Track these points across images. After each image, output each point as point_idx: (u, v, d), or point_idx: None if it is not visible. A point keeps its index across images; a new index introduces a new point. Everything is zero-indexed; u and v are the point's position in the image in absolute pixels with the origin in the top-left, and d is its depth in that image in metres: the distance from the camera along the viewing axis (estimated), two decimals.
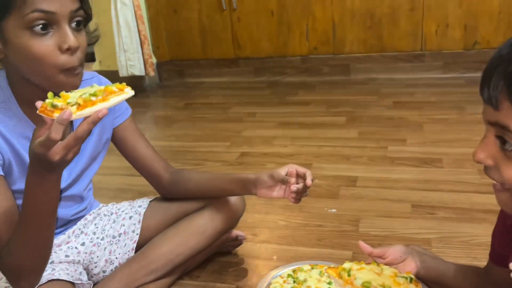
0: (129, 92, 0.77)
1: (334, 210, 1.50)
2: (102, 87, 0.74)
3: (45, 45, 0.79)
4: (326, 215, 1.48)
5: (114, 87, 0.75)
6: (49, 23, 0.79)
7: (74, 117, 0.69)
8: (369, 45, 3.12)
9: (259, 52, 3.31)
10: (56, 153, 0.70)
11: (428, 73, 3.04)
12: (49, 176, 0.75)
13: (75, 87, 0.84)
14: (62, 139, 0.70)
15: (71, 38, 0.80)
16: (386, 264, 0.89)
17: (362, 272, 0.84)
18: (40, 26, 0.78)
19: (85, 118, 0.71)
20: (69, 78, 0.83)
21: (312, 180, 1.02)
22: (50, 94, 0.73)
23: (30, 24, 0.78)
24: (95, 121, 0.70)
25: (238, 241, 1.32)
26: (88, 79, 1.03)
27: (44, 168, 0.73)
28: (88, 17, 0.88)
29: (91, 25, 0.94)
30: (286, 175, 1.02)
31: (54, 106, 0.70)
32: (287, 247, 1.33)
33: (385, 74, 3.11)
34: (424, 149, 1.93)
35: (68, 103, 0.70)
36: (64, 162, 0.73)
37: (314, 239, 1.36)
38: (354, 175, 1.75)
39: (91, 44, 0.96)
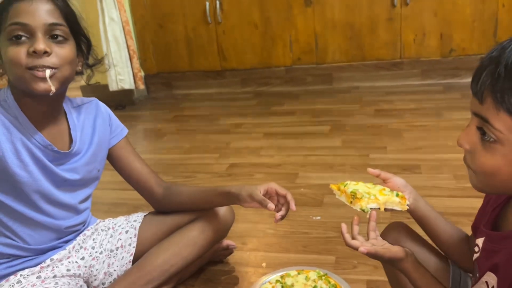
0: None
1: (318, 218, 1.59)
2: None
3: (16, 50, 0.92)
4: (311, 223, 1.56)
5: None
6: (24, 33, 0.92)
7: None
8: (350, 54, 3.23)
9: (244, 63, 3.40)
10: None
11: (407, 80, 3.16)
12: None
13: (45, 90, 0.93)
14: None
15: (38, 43, 0.91)
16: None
17: (356, 185, 0.94)
18: (16, 36, 0.92)
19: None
20: (36, 79, 0.92)
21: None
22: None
23: (9, 36, 0.92)
24: None
25: (228, 250, 1.40)
26: (87, 103, 1.12)
27: None
28: (84, 40, 1.02)
29: (101, 53, 1.07)
30: (266, 193, 1.10)
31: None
32: (275, 254, 1.42)
33: (366, 82, 3.22)
34: (404, 156, 2.04)
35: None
36: None
37: (300, 246, 1.44)
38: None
39: (90, 66, 1.09)
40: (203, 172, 2.10)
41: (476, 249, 0.79)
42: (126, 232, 1.22)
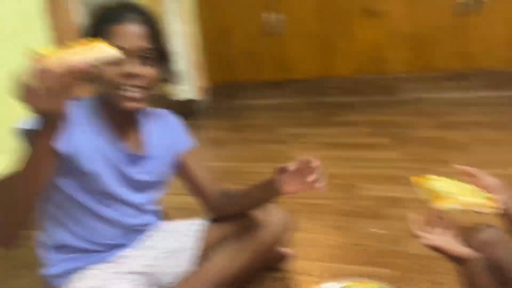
0: (105, 50, 0.77)
1: (376, 230, 1.57)
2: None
3: (110, 69, 1.01)
4: (369, 235, 1.55)
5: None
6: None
7: (53, 66, 0.72)
8: (414, 65, 3.15)
9: (304, 74, 3.43)
10: (34, 97, 0.74)
11: (474, 92, 3.03)
12: (44, 131, 0.82)
13: (132, 108, 1.04)
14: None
15: (132, 67, 1.01)
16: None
17: (439, 181, 0.91)
18: None
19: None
20: (125, 98, 1.03)
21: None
22: (46, 49, 0.78)
23: None
24: (66, 71, 0.73)
25: (285, 258, 1.42)
26: (160, 112, 1.24)
27: (43, 121, 0.81)
28: (166, 58, 1.10)
29: (183, 70, 1.16)
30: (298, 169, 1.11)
31: (40, 55, 0.73)
32: (331, 264, 1.42)
33: (430, 93, 3.12)
34: None
35: (53, 52, 0.73)
36: (44, 115, 0.78)
37: (357, 258, 1.43)
38: (397, 195, 1.80)
39: (171, 81, 1.18)
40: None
41: None
42: (187, 235, 1.28)
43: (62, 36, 2.33)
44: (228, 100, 3.66)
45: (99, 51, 0.78)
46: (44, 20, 2.32)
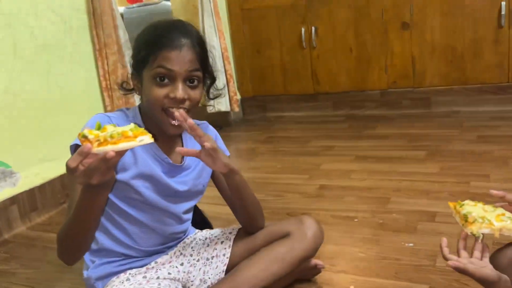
0: (142, 140, 0.81)
1: (411, 244, 1.53)
2: (124, 129, 0.80)
3: (159, 91, 1.05)
4: (403, 249, 1.52)
5: (131, 131, 0.80)
6: (168, 77, 1.05)
7: (93, 151, 0.77)
8: (450, 78, 3.09)
9: (337, 87, 3.42)
10: (77, 176, 0.80)
11: None
12: (87, 192, 0.87)
13: (174, 133, 1.09)
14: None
15: (179, 91, 1.04)
16: (508, 211, 0.92)
17: (472, 207, 0.93)
18: (160, 77, 1.04)
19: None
20: (168, 123, 1.06)
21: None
22: (97, 123, 0.83)
23: (155, 75, 1.05)
24: (102, 159, 0.77)
25: (316, 270, 1.41)
26: (199, 124, 1.26)
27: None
28: (210, 76, 1.15)
29: (220, 85, 1.19)
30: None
31: (84, 137, 0.77)
32: (364, 277, 1.40)
33: (468, 107, 3.05)
34: (510, 186, 1.89)
35: (96, 136, 0.77)
36: (89, 185, 0.82)
37: (391, 272, 1.40)
38: (433, 210, 1.76)
39: (213, 98, 1.24)
40: (292, 192, 2.14)
41: None
42: (222, 242, 1.30)
43: (104, 48, 2.43)
44: (261, 112, 3.70)
45: (138, 142, 0.80)
46: (88, 34, 2.43)
